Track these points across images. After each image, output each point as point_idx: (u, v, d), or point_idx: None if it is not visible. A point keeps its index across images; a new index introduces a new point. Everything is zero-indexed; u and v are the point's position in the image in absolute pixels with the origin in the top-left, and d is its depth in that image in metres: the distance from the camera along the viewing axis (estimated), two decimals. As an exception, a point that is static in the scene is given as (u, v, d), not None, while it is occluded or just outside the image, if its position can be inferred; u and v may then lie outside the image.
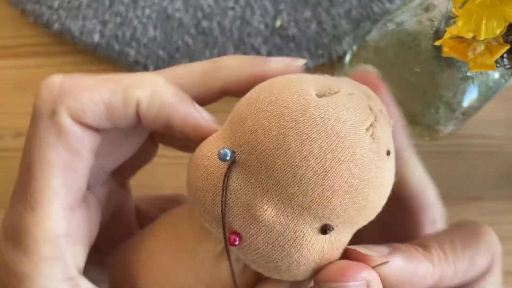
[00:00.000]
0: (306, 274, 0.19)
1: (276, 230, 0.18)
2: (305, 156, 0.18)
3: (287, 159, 0.18)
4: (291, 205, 0.18)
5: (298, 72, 0.21)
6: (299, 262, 0.19)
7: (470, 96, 0.31)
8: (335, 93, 0.19)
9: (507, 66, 0.25)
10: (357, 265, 0.19)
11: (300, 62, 0.22)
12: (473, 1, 0.22)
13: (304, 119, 0.18)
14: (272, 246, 0.19)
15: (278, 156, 0.18)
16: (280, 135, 0.18)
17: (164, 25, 0.40)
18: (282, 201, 0.18)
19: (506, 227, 0.39)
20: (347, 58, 0.38)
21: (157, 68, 0.40)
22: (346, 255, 0.20)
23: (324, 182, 0.18)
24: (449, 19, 0.27)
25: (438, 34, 0.29)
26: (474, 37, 0.23)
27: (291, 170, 0.18)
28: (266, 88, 0.20)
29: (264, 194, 0.18)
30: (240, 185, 0.19)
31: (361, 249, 0.19)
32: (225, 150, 0.18)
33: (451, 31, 0.24)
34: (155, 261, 0.22)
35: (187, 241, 0.22)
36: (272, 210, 0.18)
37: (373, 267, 0.19)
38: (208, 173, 0.19)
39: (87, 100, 0.19)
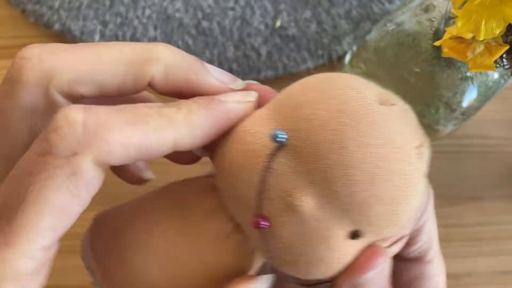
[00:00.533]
0: (323, 274, 0.19)
1: (309, 224, 0.18)
2: (360, 158, 0.17)
3: (341, 157, 0.17)
4: (332, 203, 0.18)
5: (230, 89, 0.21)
6: (321, 261, 0.18)
7: (470, 96, 0.31)
8: (392, 105, 0.19)
9: (507, 66, 0.25)
10: (375, 252, 0.19)
11: (252, 96, 0.20)
12: (472, 2, 0.22)
13: (365, 122, 0.18)
14: (299, 239, 0.18)
15: (332, 151, 0.17)
16: (338, 131, 0.17)
17: (164, 26, 0.40)
18: (324, 197, 0.18)
19: (506, 227, 0.39)
20: (347, 58, 0.38)
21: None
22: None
23: (371, 188, 0.17)
24: (449, 19, 0.27)
25: (437, 34, 0.29)
26: (473, 38, 0.23)
27: (342, 168, 0.17)
28: (325, 80, 0.19)
29: (308, 186, 0.18)
30: (283, 170, 0.18)
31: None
32: (281, 131, 0.18)
33: (451, 31, 0.24)
34: (155, 234, 0.21)
35: (194, 217, 0.21)
36: (311, 203, 0.18)
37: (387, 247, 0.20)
38: (249, 149, 0.19)
39: (117, 144, 0.17)
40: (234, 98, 0.20)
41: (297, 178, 0.18)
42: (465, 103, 0.31)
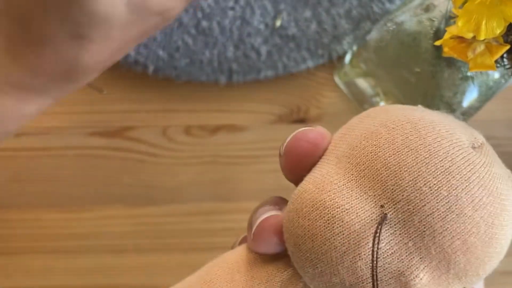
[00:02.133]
0: None
1: None
2: (477, 222, 0.16)
3: (459, 225, 0.16)
4: (448, 272, 0.16)
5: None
6: None
7: (470, 96, 0.31)
8: (481, 144, 0.17)
9: (507, 66, 0.25)
10: None
11: None
12: (473, 1, 0.22)
13: (474, 179, 0.16)
14: None
15: (449, 221, 0.16)
16: (451, 196, 0.16)
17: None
18: (439, 269, 0.16)
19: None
20: (347, 58, 0.38)
21: (157, 68, 0.40)
22: None
23: (488, 250, 0.16)
24: (449, 19, 0.27)
25: (438, 34, 0.29)
26: (474, 37, 0.23)
27: (461, 237, 0.16)
28: (409, 129, 0.17)
29: (422, 261, 0.16)
30: (392, 249, 0.16)
31: None
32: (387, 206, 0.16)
33: (451, 31, 0.24)
34: None
35: None
36: (426, 278, 0.16)
37: None
38: (351, 231, 0.16)
39: None
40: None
41: (409, 254, 0.16)
42: (465, 103, 0.31)
